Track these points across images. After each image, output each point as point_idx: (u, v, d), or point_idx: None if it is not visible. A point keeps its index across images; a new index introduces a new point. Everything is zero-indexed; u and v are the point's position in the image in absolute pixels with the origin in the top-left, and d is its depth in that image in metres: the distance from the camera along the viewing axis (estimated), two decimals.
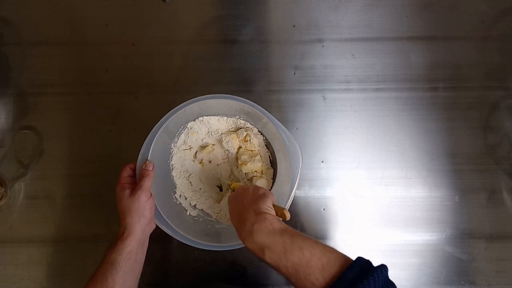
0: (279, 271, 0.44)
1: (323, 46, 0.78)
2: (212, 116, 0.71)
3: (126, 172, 0.60)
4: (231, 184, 0.69)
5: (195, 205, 0.70)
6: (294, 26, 0.79)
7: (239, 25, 0.78)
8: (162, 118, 0.61)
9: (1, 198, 0.72)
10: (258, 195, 0.51)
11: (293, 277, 0.42)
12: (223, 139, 0.70)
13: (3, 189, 0.71)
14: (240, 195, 0.53)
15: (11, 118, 0.76)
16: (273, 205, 0.52)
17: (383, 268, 0.40)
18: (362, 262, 0.41)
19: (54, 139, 0.75)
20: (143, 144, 0.61)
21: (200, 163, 0.72)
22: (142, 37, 0.78)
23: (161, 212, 0.60)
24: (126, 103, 0.77)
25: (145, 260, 0.57)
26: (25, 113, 0.76)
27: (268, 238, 0.45)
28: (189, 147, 0.72)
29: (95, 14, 0.79)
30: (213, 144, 0.72)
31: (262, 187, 0.54)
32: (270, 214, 0.49)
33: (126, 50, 0.78)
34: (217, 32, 0.79)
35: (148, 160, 0.60)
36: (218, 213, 0.70)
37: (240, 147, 0.71)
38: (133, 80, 0.77)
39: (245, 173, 0.70)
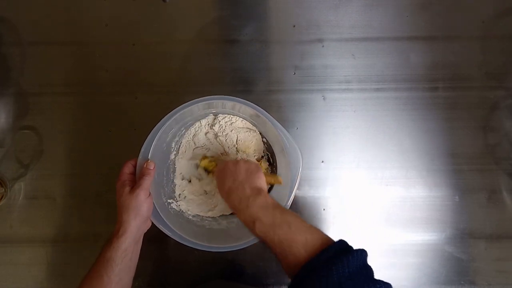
0: (266, 243, 0.48)
1: (323, 46, 0.78)
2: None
3: (127, 169, 0.60)
4: (200, 161, 0.69)
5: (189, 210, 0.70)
6: (294, 26, 0.79)
7: (239, 25, 0.78)
8: (164, 118, 0.61)
9: (1, 198, 0.72)
10: (252, 170, 0.55)
11: (278, 248, 0.46)
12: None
13: (3, 189, 0.71)
14: (232, 172, 0.56)
15: (11, 118, 0.76)
16: (265, 174, 0.56)
17: (362, 251, 0.42)
18: (343, 244, 0.44)
19: (54, 139, 0.75)
20: (144, 144, 0.61)
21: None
22: (142, 37, 0.78)
23: (160, 212, 0.60)
24: (126, 103, 0.76)
25: (145, 260, 0.57)
26: (25, 113, 0.76)
27: (260, 211, 0.49)
28: (189, 149, 0.72)
29: (95, 14, 0.79)
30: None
31: (251, 161, 0.58)
32: (263, 189, 0.54)
33: (126, 50, 0.78)
34: (217, 32, 0.79)
35: (149, 159, 0.60)
36: (213, 211, 0.70)
37: None
38: (133, 80, 0.77)
39: None
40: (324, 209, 0.74)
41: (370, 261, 0.45)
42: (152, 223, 0.61)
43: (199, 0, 0.79)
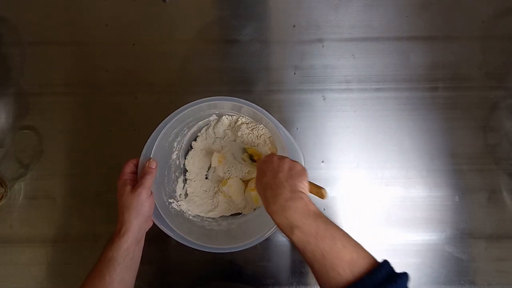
0: (304, 254, 0.44)
1: (323, 46, 0.78)
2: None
3: (129, 168, 0.60)
4: (248, 148, 0.67)
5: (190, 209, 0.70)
6: (294, 26, 0.79)
7: (239, 25, 0.78)
8: (166, 119, 0.61)
9: (1, 198, 0.72)
10: (296, 171, 0.50)
11: (317, 263, 0.42)
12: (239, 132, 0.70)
13: (3, 189, 0.71)
14: (275, 166, 0.51)
15: (11, 118, 0.76)
16: (309, 182, 0.51)
17: (405, 277, 0.41)
18: (388, 267, 0.42)
19: (54, 139, 0.75)
20: (146, 143, 0.61)
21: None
22: (142, 37, 0.78)
23: (161, 212, 0.60)
24: (126, 103, 0.76)
25: (146, 261, 0.57)
26: (25, 113, 0.76)
27: (301, 218, 0.45)
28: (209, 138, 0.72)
29: (95, 14, 0.79)
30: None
31: (298, 162, 0.52)
32: (305, 194, 0.48)
33: (126, 50, 0.78)
34: (217, 32, 0.79)
35: (151, 158, 0.60)
36: (213, 212, 0.70)
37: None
38: (133, 80, 0.77)
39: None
40: (324, 209, 0.74)
41: None
42: (153, 222, 0.61)
43: (199, 0, 0.79)
